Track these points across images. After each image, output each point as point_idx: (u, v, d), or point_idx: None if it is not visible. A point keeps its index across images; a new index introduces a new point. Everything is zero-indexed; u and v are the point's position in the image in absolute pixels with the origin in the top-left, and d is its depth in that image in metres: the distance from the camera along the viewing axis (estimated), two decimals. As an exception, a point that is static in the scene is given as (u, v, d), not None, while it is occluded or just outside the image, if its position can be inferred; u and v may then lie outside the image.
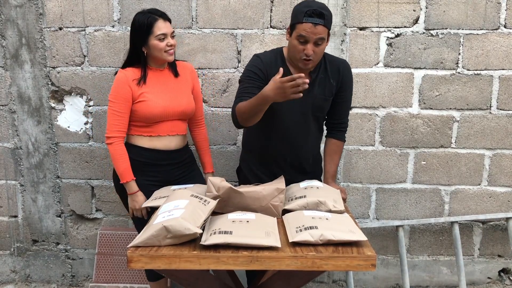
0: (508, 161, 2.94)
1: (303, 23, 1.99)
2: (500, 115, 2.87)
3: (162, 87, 2.33)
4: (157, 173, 2.35)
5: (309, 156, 2.34)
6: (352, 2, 2.75)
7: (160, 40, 2.23)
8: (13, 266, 3.17)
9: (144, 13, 2.26)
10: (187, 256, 1.57)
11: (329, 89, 2.24)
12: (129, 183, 2.29)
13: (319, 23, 1.98)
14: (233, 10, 2.77)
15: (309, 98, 2.19)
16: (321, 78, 2.21)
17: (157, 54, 2.27)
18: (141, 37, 2.25)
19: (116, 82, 2.28)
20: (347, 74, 2.28)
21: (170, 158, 2.38)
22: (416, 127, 2.89)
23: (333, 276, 3.12)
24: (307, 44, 2.02)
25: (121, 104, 2.26)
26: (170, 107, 2.31)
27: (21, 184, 3.04)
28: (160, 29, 2.22)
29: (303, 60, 2.06)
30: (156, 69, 2.35)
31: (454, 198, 2.99)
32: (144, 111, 2.27)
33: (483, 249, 3.08)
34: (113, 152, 2.29)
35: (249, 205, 1.91)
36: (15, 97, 2.92)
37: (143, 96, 2.27)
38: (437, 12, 2.75)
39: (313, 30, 1.99)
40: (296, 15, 2.04)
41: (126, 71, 2.30)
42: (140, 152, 2.33)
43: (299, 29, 2.01)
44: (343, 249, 1.61)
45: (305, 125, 2.26)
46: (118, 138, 2.28)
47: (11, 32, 2.82)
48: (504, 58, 2.80)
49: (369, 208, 3.03)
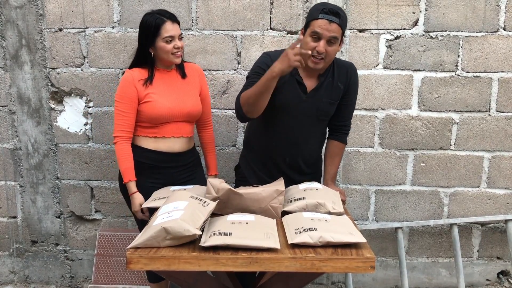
0: (507, 163, 2.94)
1: (319, 19, 2.00)
2: (499, 117, 2.88)
3: (169, 88, 2.33)
4: (161, 175, 2.34)
5: (309, 158, 2.34)
6: (351, 4, 2.75)
7: (167, 42, 2.23)
8: (12, 267, 3.17)
9: (153, 14, 2.25)
10: (186, 258, 1.57)
11: (336, 93, 2.23)
12: (128, 184, 2.28)
13: (334, 20, 1.99)
14: (233, 11, 2.77)
15: (315, 101, 2.18)
16: (329, 82, 2.20)
17: (164, 56, 2.27)
18: (149, 38, 2.25)
19: (122, 82, 2.29)
20: (354, 77, 2.28)
21: (173, 161, 2.37)
22: (415, 129, 2.90)
23: (332, 278, 3.12)
24: (320, 41, 2.01)
25: (127, 104, 2.26)
26: (175, 108, 2.30)
27: (20, 185, 3.04)
28: (167, 31, 2.21)
29: (313, 57, 2.04)
30: (163, 70, 2.35)
31: (453, 200, 2.99)
32: (150, 111, 2.27)
33: (482, 251, 3.08)
34: (117, 152, 2.29)
35: (248, 206, 1.91)
36: (15, 98, 2.92)
37: (149, 97, 2.27)
38: (437, 14, 2.76)
39: (327, 27, 1.99)
40: (312, 13, 2.05)
41: (132, 71, 2.30)
42: (144, 153, 2.32)
43: (314, 25, 2.01)
44: (342, 251, 1.61)
45: (308, 128, 2.26)
46: (123, 138, 2.28)
47: (11, 33, 2.83)
48: (503, 60, 2.80)
49: (368, 210, 3.03)
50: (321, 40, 2.01)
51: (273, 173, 2.26)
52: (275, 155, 2.29)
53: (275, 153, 2.29)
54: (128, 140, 2.30)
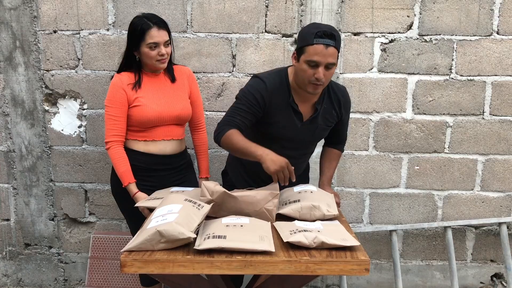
0: (500, 166, 2.95)
1: (314, 44, 1.89)
2: (492, 120, 2.89)
3: (157, 92, 2.32)
4: (152, 178, 2.34)
5: (298, 172, 2.33)
6: (346, 8, 2.76)
7: (151, 48, 2.20)
8: (5, 270, 3.14)
9: (140, 18, 2.22)
10: (180, 261, 1.57)
11: (332, 118, 2.22)
12: (128, 186, 2.27)
13: (330, 44, 1.89)
14: (228, 14, 2.77)
15: (312, 128, 2.17)
16: (324, 109, 2.17)
17: (147, 61, 2.26)
18: (134, 42, 2.23)
19: (111, 87, 2.28)
20: (347, 101, 2.26)
21: (165, 163, 2.36)
22: (409, 132, 2.91)
23: (327, 281, 3.12)
24: (318, 67, 1.92)
25: (117, 108, 2.26)
26: (164, 112, 2.29)
27: (13, 187, 3.02)
28: (152, 38, 2.18)
29: (312, 84, 1.97)
30: (151, 74, 2.34)
31: (447, 203, 3.00)
32: (139, 116, 2.26)
33: (476, 254, 3.09)
34: (111, 156, 2.29)
35: (243, 209, 1.91)
36: (9, 100, 2.90)
37: (137, 101, 2.26)
38: (431, 18, 2.77)
39: (324, 53, 1.89)
40: (305, 37, 1.94)
41: (121, 75, 2.29)
42: (135, 156, 2.31)
43: (310, 52, 1.91)
44: (337, 254, 1.62)
45: (301, 150, 2.25)
46: (116, 142, 2.28)
47: (5, 34, 2.81)
48: (497, 64, 2.82)
49: (363, 213, 3.03)
50: (320, 67, 1.92)
51: (263, 180, 2.20)
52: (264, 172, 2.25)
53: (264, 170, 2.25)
54: (121, 144, 2.30)
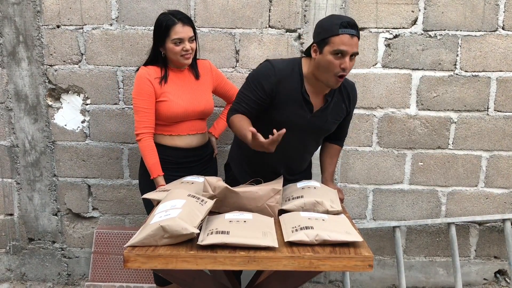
0: (504, 162, 2.94)
1: (340, 35, 1.86)
2: (497, 116, 2.88)
3: (183, 88, 2.36)
4: (182, 170, 2.38)
5: (301, 169, 2.34)
6: (350, 3, 2.75)
7: (175, 44, 2.25)
8: (8, 265, 3.15)
9: (165, 15, 2.28)
10: (184, 256, 1.57)
11: (342, 113, 2.21)
12: (156, 179, 2.29)
13: (354, 34, 1.88)
14: (232, 9, 2.76)
15: (320, 120, 2.14)
16: (335, 102, 2.14)
17: (172, 57, 2.30)
18: (159, 38, 2.28)
19: (137, 79, 2.30)
20: (355, 97, 2.26)
21: (192, 156, 2.42)
22: (413, 128, 2.90)
23: (330, 277, 3.12)
24: (344, 57, 1.90)
25: (145, 100, 2.28)
26: (190, 108, 2.34)
27: (17, 182, 3.03)
28: (176, 33, 2.23)
29: (337, 77, 1.94)
30: (177, 70, 2.38)
31: (451, 199, 2.99)
32: (166, 111, 2.30)
33: (479, 250, 3.09)
34: (142, 148, 2.31)
35: (245, 205, 1.91)
36: (12, 95, 2.90)
37: (164, 96, 2.29)
38: (436, 13, 2.75)
39: (351, 42, 1.87)
40: (329, 28, 1.90)
41: (148, 68, 2.33)
42: (164, 150, 2.35)
43: (336, 42, 1.88)
44: (340, 250, 1.61)
45: (307, 143, 2.23)
46: (146, 134, 2.30)
47: (8, 29, 2.81)
48: (502, 59, 2.80)
49: (366, 209, 3.03)
50: (346, 57, 1.90)
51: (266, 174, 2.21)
52: (267, 166, 2.24)
53: (266, 165, 2.24)
54: (151, 136, 2.32)
